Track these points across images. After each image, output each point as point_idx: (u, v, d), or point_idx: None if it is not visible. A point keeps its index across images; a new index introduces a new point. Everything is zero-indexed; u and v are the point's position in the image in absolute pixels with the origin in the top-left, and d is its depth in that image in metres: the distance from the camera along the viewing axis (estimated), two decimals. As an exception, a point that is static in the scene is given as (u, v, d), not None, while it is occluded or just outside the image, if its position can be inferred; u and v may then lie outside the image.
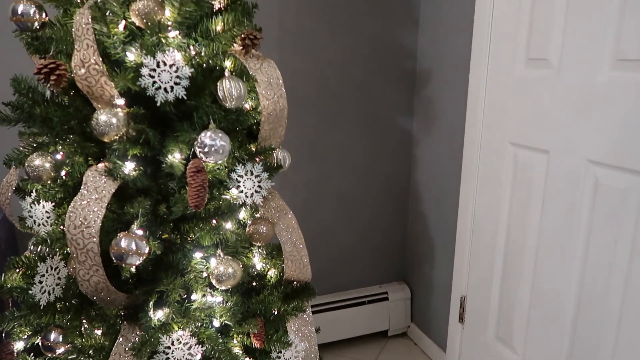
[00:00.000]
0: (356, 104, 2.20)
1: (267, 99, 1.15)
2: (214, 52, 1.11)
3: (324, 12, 2.04)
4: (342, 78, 2.15)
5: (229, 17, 1.13)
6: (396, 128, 2.31)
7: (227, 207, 1.16)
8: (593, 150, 1.41)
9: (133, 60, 1.04)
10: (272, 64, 1.19)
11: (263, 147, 1.21)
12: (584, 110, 1.43)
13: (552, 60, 1.52)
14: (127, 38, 1.05)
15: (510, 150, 1.72)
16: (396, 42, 2.20)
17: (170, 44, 1.06)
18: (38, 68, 0.97)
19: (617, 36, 1.33)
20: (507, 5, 1.68)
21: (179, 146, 1.06)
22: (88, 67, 0.98)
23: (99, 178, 1.03)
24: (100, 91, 1.01)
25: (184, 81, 1.03)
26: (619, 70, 1.33)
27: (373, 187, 2.35)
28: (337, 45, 2.10)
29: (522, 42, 1.64)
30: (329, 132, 2.19)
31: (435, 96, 2.14)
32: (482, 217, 1.88)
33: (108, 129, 1.00)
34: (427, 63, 2.18)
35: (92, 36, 0.97)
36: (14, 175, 1.19)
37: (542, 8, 1.54)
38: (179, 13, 1.07)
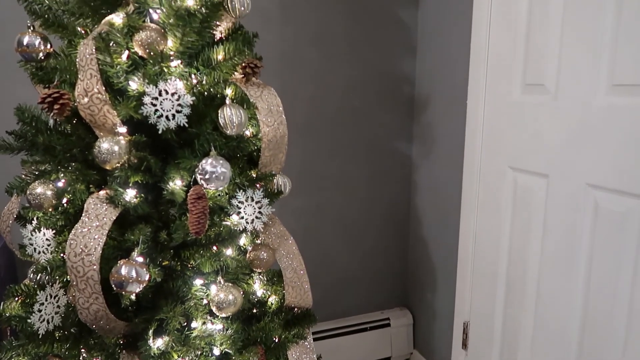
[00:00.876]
0: (356, 129, 2.22)
1: (267, 125, 1.17)
2: (215, 80, 1.13)
3: (323, 41, 2.08)
4: (342, 104, 2.17)
5: (230, 47, 1.15)
6: (396, 153, 2.32)
7: (228, 234, 1.16)
8: (592, 174, 1.42)
9: (135, 89, 1.06)
10: (272, 92, 1.21)
11: (263, 173, 1.22)
12: (582, 134, 1.44)
13: (549, 86, 1.54)
14: (130, 67, 1.07)
15: (510, 174, 1.73)
16: (394, 70, 2.23)
17: (172, 73, 1.08)
18: (42, 97, 0.99)
19: (611, 62, 1.35)
20: (503, 32, 1.71)
21: (180, 173, 1.07)
22: (91, 96, 0.99)
23: (100, 205, 1.03)
24: (102, 119, 1.02)
25: (185, 109, 1.05)
26: (614, 96, 1.35)
27: (373, 212, 2.35)
28: (336, 73, 2.13)
29: (518, 69, 1.66)
30: (329, 158, 2.20)
31: (434, 122, 2.16)
32: (484, 242, 1.88)
33: (110, 157, 1.00)
34: (425, 89, 2.21)
35: (95, 66, 0.99)
36: (15, 203, 1.19)
37: (537, 35, 1.57)
38: (181, 43, 1.09)
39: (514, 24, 1.66)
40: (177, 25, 1.08)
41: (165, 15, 1.08)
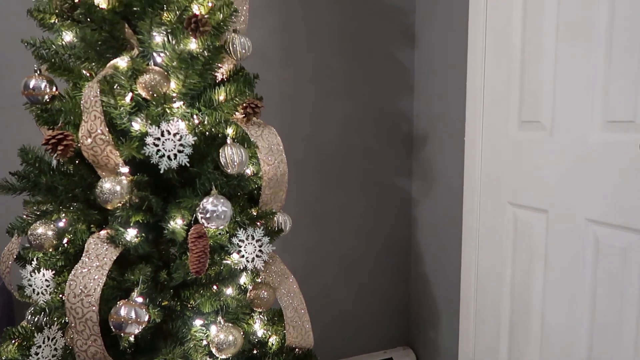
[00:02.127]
0: (355, 166, 2.24)
1: (268, 164, 1.18)
2: (217, 120, 1.15)
3: (322, 80, 2.13)
4: (341, 142, 2.20)
5: (232, 88, 1.18)
6: (395, 190, 2.33)
7: (228, 273, 1.16)
8: (591, 209, 1.42)
9: (138, 129, 1.08)
10: (272, 131, 1.23)
11: (264, 212, 1.22)
12: (579, 170, 1.45)
13: (544, 123, 1.57)
14: (133, 109, 1.10)
15: (509, 210, 1.74)
16: (393, 108, 2.27)
17: (174, 114, 1.10)
18: (46, 139, 1.01)
19: (605, 98, 1.38)
20: (498, 71, 1.75)
21: (181, 212, 1.07)
22: (95, 137, 1.01)
23: (101, 245, 1.03)
24: (105, 160, 1.03)
25: (187, 149, 1.07)
26: (609, 132, 1.37)
27: (374, 249, 2.33)
28: (335, 111, 2.17)
29: (514, 105, 1.69)
30: (329, 195, 2.21)
31: (433, 158, 2.18)
32: (486, 278, 1.86)
33: (112, 197, 1.01)
34: (423, 126, 2.24)
35: (99, 108, 1.01)
36: (15, 243, 1.19)
37: (531, 72, 1.61)
38: (184, 85, 1.12)
39: (508, 62, 1.70)
40: (180, 67, 1.11)
41: (168, 59, 1.11)
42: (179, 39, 1.12)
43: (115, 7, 1.09)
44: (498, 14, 1.74)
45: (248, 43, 1.23)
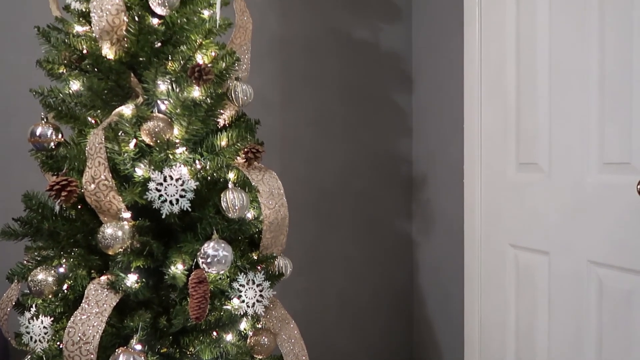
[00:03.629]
0: (355, 209, 2.25)
1: (268, 208, 1.19)
2: (219, 165, 1.17)
3: (322, 124, 2.17)
4: (341, 184, 2.22)
5: (233, 133, 1.21)
6: (396, 232, 2.33)
7: (229, 318, 1.15)
8: (593, 251, 1.42)
9: (141, 175, 1.09)
10: (273, 175, 1.25)
11: (265, 256, 1.22)
12: (578, 211, 1.46)
13: (542, 165, 1.59)
14: (137, 155, 1.12)
15: (511, 252, 1.73)
16: (392, 150, 2.30)
17: (177, 159, 1.12)
18: (51, 185, 1.02)
19: (600, 141, 1.40)
20: (494, 113, 1.79)
21: (182, 257, 1.07)
22: (98, 182, 1.02)
23: (101, 291, 1.03)
24: (108, 205, 1.04)
25: (189, 194, 1.08)
26: (606, 173, 1.38)
27: (376, 292, 2.31)
28: (335, 154, 2.20)
29: (511, 148, 1.72)
30: (330, 238, 2.21)
31: (433, 200, 2.19)
32: (489, 321, 1.83)
33: (113, 242, 1.02)
34: (422, 168, 2.27)
35: (104, 154, 1.03)
36: (15, 289, 1.19)
37: (526, 115, 1.64)
38: (187, 131, 1.14)
39: (504, 105, 1.74)
40: (184, 114, 1.13)
41: (172, 106, 1.14)
42: (183, 87, 1.15)
43: (122, 57, 1.13)
44: (492, 59, 1.79)
45: (249, 90, 1.26)
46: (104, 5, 1.10)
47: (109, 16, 1.09)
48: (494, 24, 1.78)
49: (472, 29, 1.88)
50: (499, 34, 1.76)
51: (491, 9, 1.79)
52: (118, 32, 1.11)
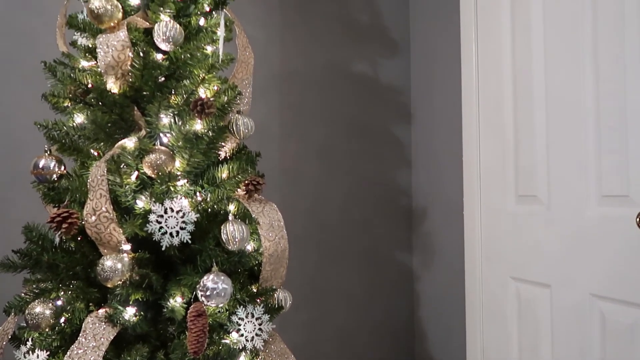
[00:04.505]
0: (356, 241, 2.24)
1: (268, 240, 1.19)
2: (219, 197, 1.18)
3: (322, 156, 2.18)
4: (341, 216, 2.22)
5: (234, 166, 1.22)
6: (396, 264, 2.32)
7: (227, 353, 1.13)
8: (594, 284, 1.41)
9: (142, 207, 1.10)
10: (273, 207, 1.25)
11: (264, 288, 1.21)
12: (578, 244, 1.46)
13: (541, 197, 1.60)
14: (138, 187, 1.12)
15: (512, 284, 1.72)
16: (392, 182, 2.32)
17: (178, 191, 1.13)
18: (52, 217, 1.02)
19: (598, 173, 1.41)
20: (492, 146, 1.80)
21: (181, 290, 1.07)
22: (99, 214, 1.03)
23: (99, 325, 1.02)
24: (108, 237, 1.05)
25: (189, 226, 1.08)
26: (605, 206, 1.39)
27: (376, 326, 2.28)
28: (335, 186, 2.21)
29: (510, 180, 1.73)
30: (330, 270, 2.19)
31: (433, 232, 2.19)
32: (492, 356, 1.80)
33: (113, 275, 1.01)
34: (422, 201, 2.27)
35: (105, 186, 1.04)
36: (11, 323, 1.17)
37: (524, 148, 1.66)
38: (188, 163, 1.15)
39: (502, 138, 1.76)
40: (185, 147, 1.15)
41: (174, 139, 1.16)
42: (185, 120, 1.17)
43: (126, 91, 1.15)
44: (490, 93, 1.82)
45: (251, 123, 1.28)
46: (110, 42, 1.13)
47: (114, 52, 1.12)
48: (491, 59, 1.82)
49: (469, 64, 1.92)
50: (496, 69, 1.79)
51: (488, 45, 1.84)
52: (123, 67, 1.13)
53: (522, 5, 1.68)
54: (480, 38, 1.87)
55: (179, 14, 1.28)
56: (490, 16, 1.82)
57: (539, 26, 1.62)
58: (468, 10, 1.92)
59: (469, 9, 1.92)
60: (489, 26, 1.83)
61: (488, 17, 1.83)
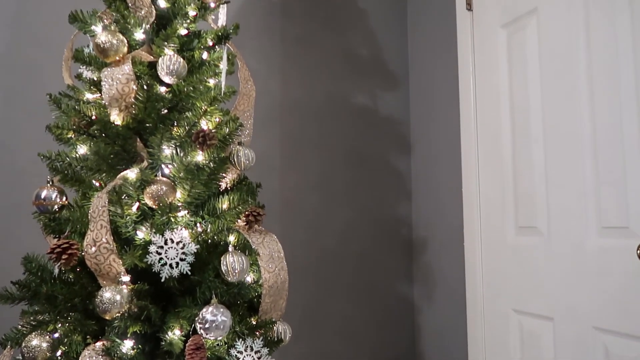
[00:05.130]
0: (356, 272, 2.23)
1: (268, 272, 1.19)
2: (219, 228, 1.18)
3: (322, 187, 2.19)
4: (342, 247, 2.21)
5: (235, 197, 1.22)
6: (397, 296, 2.29)
7: (225, 387, 1.11)
8: (597, 316, 1.39)
9: (142, 238, 1.10)
10: (273, 238, 1.25)
11: (264, 321, 1.20)
12: (580, 276, 1.45)
13: (541, 228, 1.59)
14: (139, 218, 1.13)
15: (514, 317, 1.70)
16: (392, 213, 2.32)
17: (178, 222, 1.13)
18: (52, 248, 1.02)
19: (597, 205, 1.41)
20: (492, 177, 1.81)
21: (179, 322, 1.06)
22: (99, 245, 1.03)
23: (96, 358, 1.00)
24: (108, 268, 1.04)
25: (189, 257, 1.08)
26: (606, 237, 1.39)
27: (376, 358, 2.23)
28: (335, 217, 2.21)
29: (509, 211, 1.73)
30: (330, 301, 2.17)
31: (434, 263, 2.18)
32: (495, 392, 1.77)
33: (111, 307, 1.00)
34: (422, 231, 2.27)
35: (106, 217, 1.04)
36: (7, 356, 1.15)
37: (523, 179, 1.67)
38: (189, 194, 1.16)
39: (501, 169, 1.77)
40: (187, 178, 1.16)
41: (176, 170, 1.17)
42: (187, 151, 1.18)
43: (129, 123, 1.17)
44: (488, 125, 1.84)
45: (252, 154, 1.30)
46: (115, 75, 1.15)
47: (119, 85, 1.14)
48: (489, 93, 1.85)
49: (467, 98, 1.95)
50: (493, 102, 1.82)
51: (485, 78, 1.87)
52: (127, 99, 1.15)
53: (517, 41, 1.72)
54: (478, 72, 1.91)
55: (183, 48, 1.31)
56: (487, 51, 1.86)
57: (535, 61, 1.65)
58: (465, 45, 1.96)
59: (466, 44, 1.96)
60: (486, 61, 1.87)
61: (485, 52, 1.87)
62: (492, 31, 1.84)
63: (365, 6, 2.37)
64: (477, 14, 1.92)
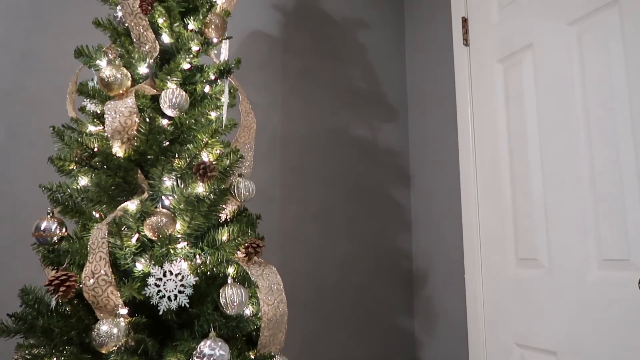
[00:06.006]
0: (355, 304, 2.20)
1: (267, 304, 1.17)
2: (219, 260, 1.18)
3: (322, 219, 2.19)
4: (341, 279, 2.19)
5: (235, 228, 1.22)
6: (398, 330, 2.26)
7: None
8: (600, 351, 1.37)
9: (141, 270, 1.09)
10: (273, 270, 1.24)
11: (262, 355, 1.18)
12: (582, 310, 1.43)
13: (542, 260, 1.59)
14: (138, 249, 1.12)
15: (517, 351, 1.67)
16: (392, 245, 2.31)
17: (178, 254, 1.13)
18: (50, 280, 1.02)
19: (597, 237, 1.41)
20: (492, 209, 1.82)
21: (177, 356, 1.04)
22: (97, 278, 1.02)
23: (91, 393, 0.98)
24: (105, 300, 1.03)
25: (188, 289, 1.07)
26: (606, 270, 1.38)
27: (378, 395, 2.19)
28: (335, 249, 2.20)
29: (510, 243, 1.73)
30: (329, 334, 2.14)
31: (435, 296, 2.15)
32: None
33: (108, 340, 0.99)
34: (422, 264, 2.25)
35: (106, 249, 1.04)
36: (0, 390, 1.13)
37: (523, 212, 1.67)
38: (189, 226, 1.16)
39: (501, 202, 1.77)
40: (187, 210, 1.16)
41: (176, 201, 1.17)
42: (188, 183, 1.19)
43: (131, 155, 1.18)
44: (486, 158, 1.86)
45: (252, 186, 1.30)
46: (118, 108, 1.17)
47: (121, 117, 1.16)
48: (486, 125, 1.87)
49: (465, 130, 1.97)
50: (491, 134, 1.84)
51: (482, 111, 1.90)
52: (129, 132, 1.17)
53: (514, 75, 1.76)
54: (476, 105, 1.93)
55: (185, 81, 1.33)
56: (484, 85, 1.89)
57: (531, 95, 1.68)
58: (463, 80, 2.00)
59: (463, 78, 2.00)
60: (483, 94, 1.90)
61: (482, 86, 1.91)
62: (489, 65, 1.88)
63: (365, 41, 2.42)
64: (474, 49, 1.97)
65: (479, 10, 1.96)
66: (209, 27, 1.37)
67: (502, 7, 1.85)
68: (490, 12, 1.90)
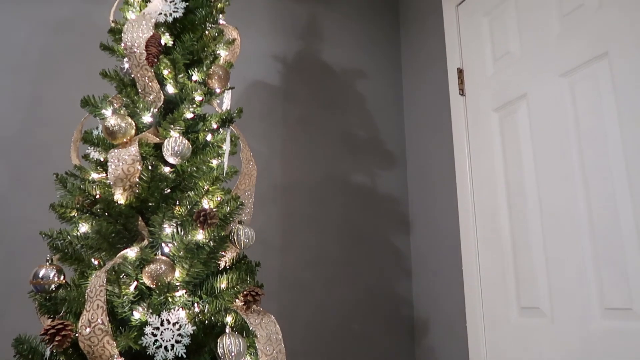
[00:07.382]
0: (356, 354, 2.15)
1: (266, 355, 1.15)
2: (217, 308, 1.16)
3: (321, 266, 2.17)
4: (342, 327, 2.15)
5: (234, 276, 1.22)
6: (399, 380, 2.20)
7: None
8: (608, 404, 1.33)
9: (138, 318, 1.08)
10: (272, 319, 1.23)
11: (260, 410, 1.15)
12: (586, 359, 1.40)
13: (544, 309, 1.57)
14: (136, 297, 1.11)
15: (522, 405, 1.62)
16: (392, 293, 2.28)
17: (176, 302, 1.12)
18: (45, 329, 1.00)
19: (599, 286, 1.40)
20: (492, 256, 1.81)
21: (172, 409, 1.01)
22: (94, 327, 1.01)
23: None
24: (101, 350, 1.01)
25: (185, 339, 1.05)
26: (609, 319, 1.36)
27: None
28: (335, 296, 2.17)
29: (511, 291, 1.71)
30: (329, 387, 2.07)
31: (437, 345, 2.11)
32: None
33: (102, 392, 0.97)
34: (423, 312, 2.22)
35: (103, 297, 1.03)
36: None
37: (523, 259, 1.66)
38: (188, 273, 1.16)
39: (500, 250, 1.77)
40: (186, 257, 1.16)
41: (176, 249, 1.17)
42: (188, 230, 1.19)
43: (132, 202, 1.19)
44: (485, 205, 1.87)
45: (251, 233, 1.30)
46: (121, 156, 1.19)
47: (124, 165, 1.18)
48: (484, 172, 1.89)
49: (463, 177, 1.99)
50: (489, 182, 1.86)
51: (480, 158, 1.92)
52: (131, 179, 1.18)
53: (510, 123, 1.80)
54: (473, 153, 1.96)
55: (188, 130, 1.36)
56: (481, 133, 1.93)
57: (527, 142, 1.71)
58: (459, 128, 2.04)
59: (460, 127, 2.04)
60: (480, 142, 1.93)
61: (479, 134, 1.94)
62: (485, 114, 1.92)
63: (363, 91, 2.49)
64: (470, 98, 2.02)
65: (474, 61, 2.02)
66: (212, 78, 1.41)
67: (496, 59, 1.91)
68: (485, 63, 1.96)
